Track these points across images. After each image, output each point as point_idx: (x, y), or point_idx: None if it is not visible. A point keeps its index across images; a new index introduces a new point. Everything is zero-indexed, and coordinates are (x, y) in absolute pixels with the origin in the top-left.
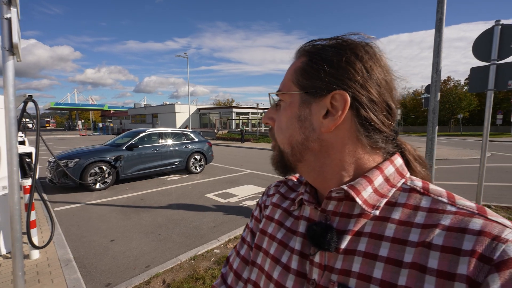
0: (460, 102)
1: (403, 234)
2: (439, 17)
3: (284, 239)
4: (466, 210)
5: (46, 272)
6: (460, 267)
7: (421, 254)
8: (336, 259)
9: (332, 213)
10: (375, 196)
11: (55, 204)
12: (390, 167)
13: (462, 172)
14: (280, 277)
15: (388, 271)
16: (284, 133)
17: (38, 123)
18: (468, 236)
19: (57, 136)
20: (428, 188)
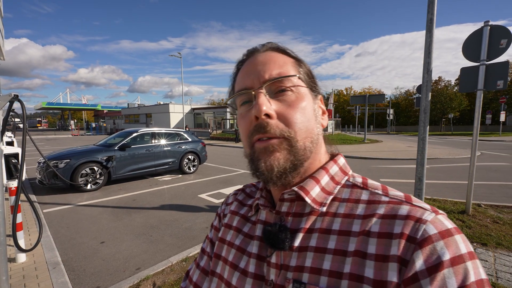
0: (450, 102)
1: (347, 226)
2: (429, 17)
3: (242, 245)
4: (396, 199)
5: (33, 275)
6: (392, 248)
7: (362, 242)
8: (291, 257)
9: (286, 214)
10: (323, 194)
11: (45, 206)
12: (334, 166)
13: (452, 171)
14: (239, 282)
15: (335, 261)
16: (302, 124)
17: (24, 123)
18: (398, 221)
19: (48, 136)
20: (366, 183)
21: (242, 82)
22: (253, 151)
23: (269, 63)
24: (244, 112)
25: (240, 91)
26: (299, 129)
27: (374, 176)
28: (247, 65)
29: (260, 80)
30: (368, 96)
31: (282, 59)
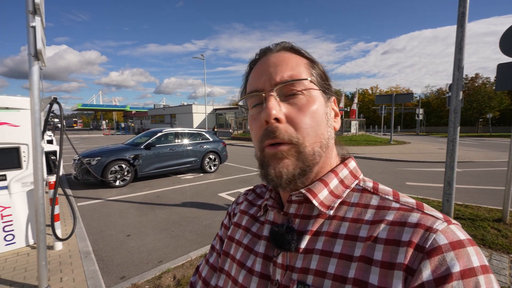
0: (489, 101)
1: (355, 230)
2: (461, 11)
3: (249, 244)
4: (407, 206)
5: (68, 262)
6: (399, 256)
7: (368, 248)
8: (297, 258)
9: (294, 215)
10: (331, 197)
11: (79, 200)
12: (345, 170)
13: (489, 176)
14: (245, 280)
15: (340, 265)
16: (313, 129)
17: (62, 123)
18: (407, 229)
19: (83, 136)
20: (377, 188)
21: (253, 83)
22: (263, 155)
23: (281, 64)
24: (255, 115)
25: (251, 92)
26: (307, 134)
27: (399, 179)
28: (260, 65)
29: (271, 83)
30: (395, 95)
31: (294, 61)
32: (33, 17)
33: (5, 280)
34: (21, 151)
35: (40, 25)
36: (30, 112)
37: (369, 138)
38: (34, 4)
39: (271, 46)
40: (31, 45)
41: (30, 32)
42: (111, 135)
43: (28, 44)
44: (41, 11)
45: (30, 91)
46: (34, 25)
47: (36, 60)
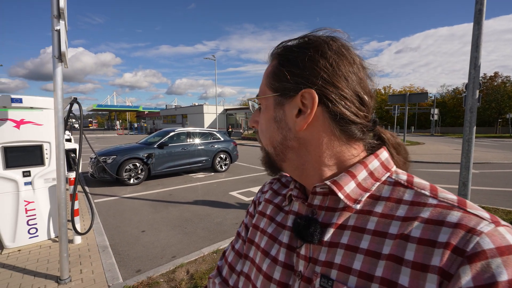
0: (509, 100)
1: (384, 226)
2: (478, 8)
3: (274, 233)
4: (446, 202)
5: (87, 255)
6: (434, 258)
7: (398, 246)
8: (320, 251)
9: (318, 207)
10: (358, 190)
11: (95, 196)
12: (375, 161)
13: (508, 178)
14: (269, 269)
15: (367, 262)
16: (265, 135)
17: (81, 122)
18: (445, 229)
19: (98, 135)
20: (412, 181)
21: None
22: None
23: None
24: None
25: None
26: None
27: None
28: None
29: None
30: (409, 95)
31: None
32: (57, 21)
33: (30, 270)
34: (44, 149)
35: (64, 28)
36: (54, 111)
37: None
38: (59, 9)
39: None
40: (55, 48)
41: (54, 35)
42: (125, 135)
43: (53, 46)
44: (65, 15)
45: (54, 92)
46: (59, 29)
47: (60, 62)
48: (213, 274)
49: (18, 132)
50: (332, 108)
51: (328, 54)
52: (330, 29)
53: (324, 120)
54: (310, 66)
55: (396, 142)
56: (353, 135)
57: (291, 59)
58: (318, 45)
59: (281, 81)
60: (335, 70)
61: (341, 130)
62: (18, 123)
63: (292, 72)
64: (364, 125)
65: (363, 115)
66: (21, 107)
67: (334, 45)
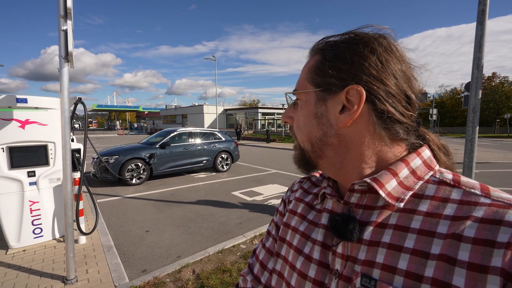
0: (507, 101)
1: (431, 226)
2: (481, 8)
3: (306, 231)
4: (502, 202)
5: (92, 256)
6: (494, 259)
7: (450, 246)
8: (359, 249)
9: (355, 205)
10: (400, 189)
11: (98, 196)
12: (417, 159)
13: (507, 177)
14: (303, 266)
15: (414, 262)
16: (303, 131)
17: (86, 122)
18: (504, 228)
19: (98, 135)
20: (459, 181)
21: None
22: None
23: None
24: None
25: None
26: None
27: None
28: None
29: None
30: None
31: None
32: (64, 21)
33: (36, 270)
34: (49, 149)
35: (70, 28)
36: (60, 111)
37: None
38: (66, 9)
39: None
40: (62, 48)
41: (61, 35)
42: (125, 135)
43: (59, 46)
44: (71, 15)
45: (60, 92)
46: (66, 29)
47: (67, 62)
48: (244, 271)
49: (23, 132)
50: (379, 106)
51: (378, 51)
52: (377, 26)
53: (369, 118)
54: (358, 61)
55: (441, 143)
56: (397, 135)
57: (337, 54)
58: (368, 40)
59: (324, 76)
60: (384, 67)
61: (385, 129)
62: (23, 123)
63: (338, 67)
64: (408, 125)
65: (409, 114)
66: (26, 107)
67: (384, 42)
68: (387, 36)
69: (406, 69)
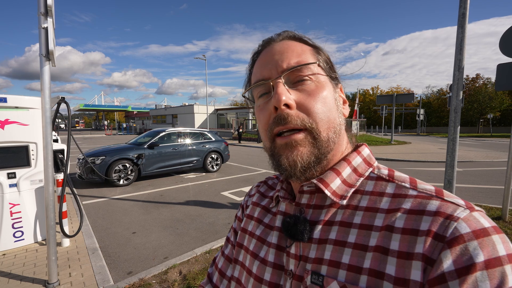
0: (490, 101)
1: (369, 219)
2: (462, 12)
3: (262, 235)
4: (425, 193)
5: (76, 258)
6: (417, 246)
7: (384, 237)
8: (310, 248)
9: (306, 206)
10: (344, 187)
11: (83, 198)
12: (358, 158)
13: (489, 176)
14: (259, 270)
15: (355, 255)
16: (323, 115)
17: (69, 123)
18: (426, 217)
19: (85, 136)
20: (393, 175)
21: (259, 73)
22: (274, 145)
23: (286, 51)
24: (262, 104)
25: (257, 82)
26: (320, 120)
27: None
28: (263, 55)
29: (278, 70)
30: (396, 96)
31: (300, 47)
32: (45, 19)
33: (16, 275)
34: (30, 150)
35: (51, 26)
36: (41, 111)
37: (370, 138)
38: (47, 6)
39: (274, 36)
40: (42, 46)
41: (42, 33)
42: (113, 135)
43: (40, 44)
44: (52, 12)
45: (41, 91)
46: (46, 26)
47: (48, 60)
48: (203, 281)
49: (2, 133)
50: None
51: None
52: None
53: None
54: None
55: None
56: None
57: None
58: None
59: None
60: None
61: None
62: (2, 123)
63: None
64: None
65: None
66: (6, 106)
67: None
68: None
69: None
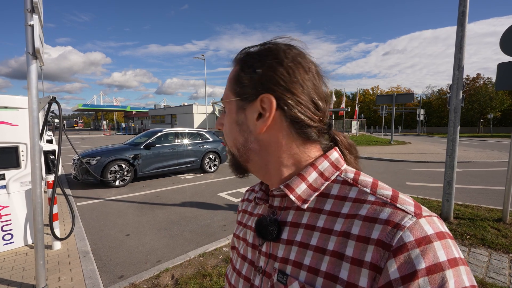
0: (490, 101)
1: (330, 224)
2: (461, 10)
3: (244, 236)
4: (381, 199)
5: (66, 262)
6: (367, 254)
7: (341, 243)
8: (278, 248)
9: (278, 208)
10: (309, 191)
11: (78, 199)
12: (325, 162)
13: (490, 176)
14: (240, 266)
15: (315, 258)
16: (229, 137)
17: (60, 123)
18: (377, 226)
19: (83, 136)
20: (357, 179)
21: None
22: None
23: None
24: None
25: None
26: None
27: (399, 179)
28: None
29: None
30: (396, 96)
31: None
32: (31, 16)
33: (3, 279)
34: (20, 151)
35: (38, 23)
36: (28, 111)
37: (370, 138)
38: (32, 3)
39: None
40: (29, 44)
41: (28, 30)
42: (112, 136)
43: (26, 43)
44: (39, 9)
45: (28, 90)
46: (32, 24)
47: (34, 59)
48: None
49: None
50: (289, 113)
51: (285, 62)
52: (288, 37)
53: (281, 123)
54: (269, 73)
55: (348, 143)
56: (309, 137)
57: (252, 65)
58: (277, 53)
59: (242, 86)
60: (291, 77)
61: (297, 133)
62: None
63: (252, 78)
64: (319, 128)
65: (318, 119)
66: None
67: (291, 53)
68: (294, 48)
69: (312, 78)
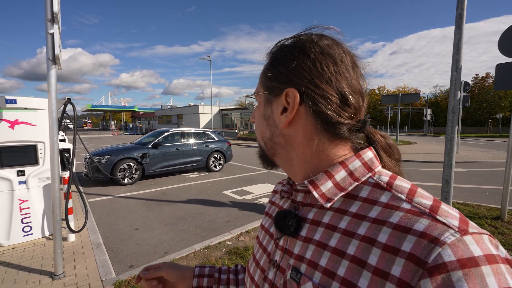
0: (499, 101)
1: (354, 226)
2: (459, 12)
3: (267, 226)
4: (418, 208)
5: (80, 253)
6: (394, 267)
7: (363, 249)
8: (295, 244)
9: (301, 203)
10: (335, 190)
11: (89, 196)
12: (356, 161)
13: (494, 176)
14: (259, 256)
15: (332, 260)
16: (257, 130)
17: (75, 123)
18: (410, 237)
19: (92, 136)
20: (392, 184)
21: None
22: None
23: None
24: None
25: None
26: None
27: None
28: None
29: None
30: (401, 95)
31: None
32: (51, 25)
33: (24, 267)
34: (38, 149)
35: (57, 32)
36: (48, 112)
37: None
38: (53, 13)
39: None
40: (49, 51)
41: (48, 38)
42: (120, 135)
43: (47, 49)
44: (58, 19)
45: (48, 93)
46: (53, 32)
47: (54, 64)
48: None
49: (13, 132)
50: (314, 107)
51: (312, 54)
52: (322, 26)
53: (307, 118)
54: (295, 66)
55: (386, 143)
56: (338, 134)
57: (280, 58)
58: (304, 45)
59: (270, 80)
60: (318, 70)
61: (324, 129)
62: (12, 124)
63: (279, 71)
64: (350, 125)
65: (348, 115)
66: (16, 107)
67: (320, 44)
68: (326, 38)
69: (344, 70)
